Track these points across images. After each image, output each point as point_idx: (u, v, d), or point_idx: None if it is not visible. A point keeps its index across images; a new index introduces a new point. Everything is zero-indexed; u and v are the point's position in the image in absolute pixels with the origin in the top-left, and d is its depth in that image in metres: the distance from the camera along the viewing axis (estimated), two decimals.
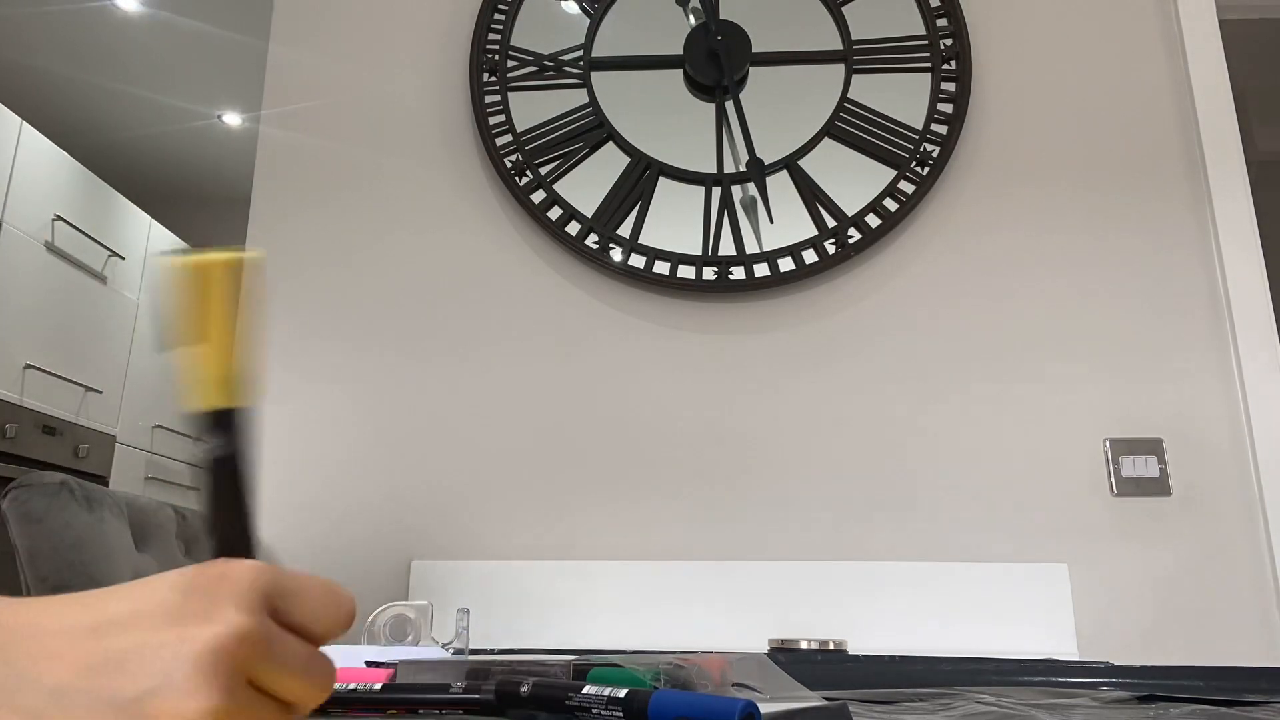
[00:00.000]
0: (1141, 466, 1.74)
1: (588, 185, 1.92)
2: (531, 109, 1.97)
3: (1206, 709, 0.58)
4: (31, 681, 0.27)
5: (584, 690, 0.37)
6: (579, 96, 1.97)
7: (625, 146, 1.94)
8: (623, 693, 0.36)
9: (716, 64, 1.95)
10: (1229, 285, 1.80)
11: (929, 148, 1.89)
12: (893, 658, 0.87)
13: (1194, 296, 1.83)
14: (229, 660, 0.27)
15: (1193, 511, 1.73)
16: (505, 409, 1.85)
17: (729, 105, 1.95)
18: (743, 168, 1.91)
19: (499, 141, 1.94)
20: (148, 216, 3.79)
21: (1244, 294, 1.79)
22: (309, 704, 0.30)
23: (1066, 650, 1.64)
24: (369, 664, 0.62)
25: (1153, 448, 1.76)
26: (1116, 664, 0.82)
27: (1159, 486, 1.74)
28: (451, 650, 0.87)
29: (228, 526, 0.36)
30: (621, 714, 0.36)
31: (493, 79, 1.98)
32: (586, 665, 0.50)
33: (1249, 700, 0.63)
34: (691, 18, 1.99)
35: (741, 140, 1.92)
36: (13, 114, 3.04)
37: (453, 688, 0.40)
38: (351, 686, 0.42)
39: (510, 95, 1.97)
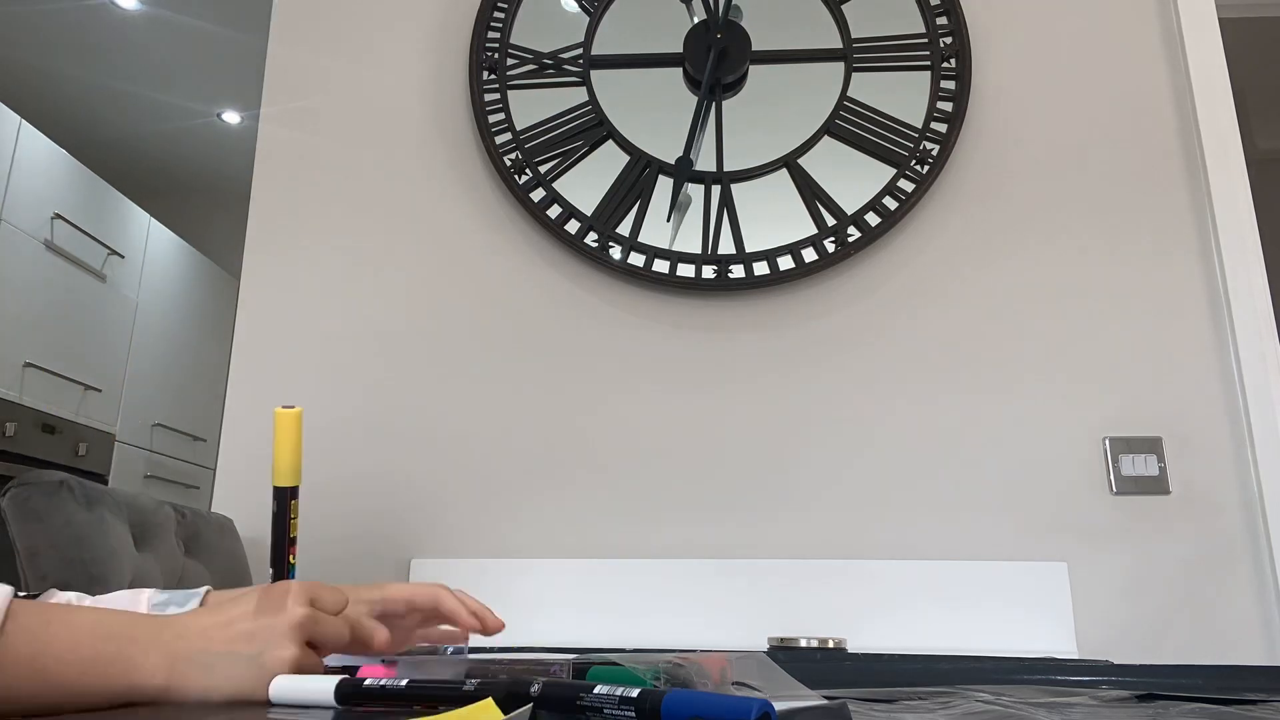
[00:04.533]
0: (1141, 465, 1.75)
1: (587, 183, 1.92)
2: (531, 107, 1.97)
3: (1206, 708, 0.58)
4: (200, 652, 0.50)
5: (595, 690, 0.37)
6: (578, 95, 1.97)
7: (625, 145, 1.94)
8: (635, 693, 0.36)
9: (717, 62, 1.95)
10: (1229, 284, 1.80)
11: (929, 146, 1.89)
12: (892, 656, 0.87)
13: (1194, 295, 1.83)
14: (299, 630, 0.52)
15: (1192, 510, 1.73)
16: (504, 407, 1.85)
17: (712, 105, 1.95)
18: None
19: (498, 140, 1.94)
20: (147, 214, 3.78)
21: (1244, 293, 1.79)
22: (347, 647, 0.56)
23: (1066, 649, 1.64)
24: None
25: (1152, 446, 1.76)
26: (1116, 662, 0.82)
27: (1158, 485, 1.74)
28: (451, 648, 0.87)
29: (280, 556, 0.69)
30: (634, 714, 0.36)
31: (492, 77, 1.98)
32: (586, 664, 0.50)
33: (1249, 699, 0.63)
34: (695, 17, 1.99)
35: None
36: (12, 112, 3.03)
37: (465, 685, 0.41)
38: (382, 682, 0.44)
39: (509, 93, 1.97)
